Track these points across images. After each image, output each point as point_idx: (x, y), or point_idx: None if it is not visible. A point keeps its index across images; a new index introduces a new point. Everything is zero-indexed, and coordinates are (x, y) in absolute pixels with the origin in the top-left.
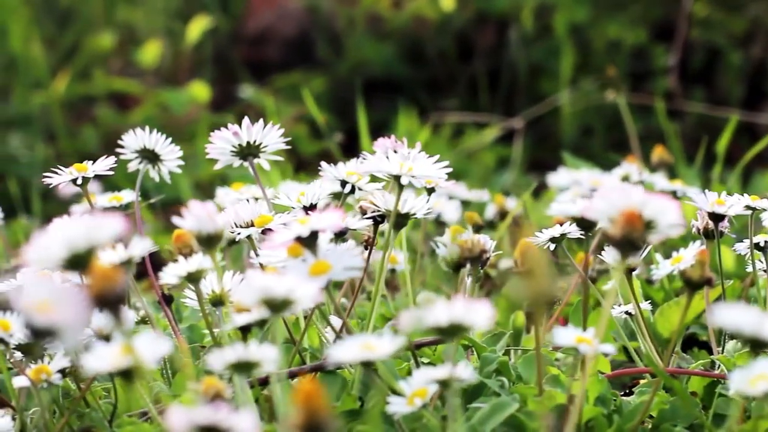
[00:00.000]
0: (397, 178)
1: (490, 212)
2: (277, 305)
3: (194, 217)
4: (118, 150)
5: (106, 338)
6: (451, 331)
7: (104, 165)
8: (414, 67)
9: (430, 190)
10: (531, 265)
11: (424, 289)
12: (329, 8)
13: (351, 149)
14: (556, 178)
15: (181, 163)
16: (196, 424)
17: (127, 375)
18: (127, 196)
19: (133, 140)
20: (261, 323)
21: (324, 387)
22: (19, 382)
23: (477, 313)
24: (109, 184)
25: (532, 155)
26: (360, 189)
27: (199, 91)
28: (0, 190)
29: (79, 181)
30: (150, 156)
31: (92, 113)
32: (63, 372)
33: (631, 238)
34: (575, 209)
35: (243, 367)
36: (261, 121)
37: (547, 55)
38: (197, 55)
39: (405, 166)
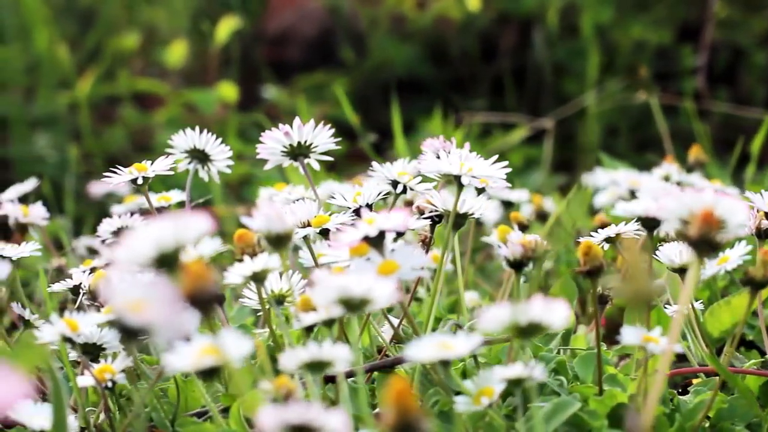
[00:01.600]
0: (457, 178)
1: (527, 212)
2: (355, 305)
3: (264, 217)
4: (168, 150)
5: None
6: (530, 331)
7: (164, 165)
8: (437, 67)
9: (481, 191)
10: (631, 265)
11: (468, 290)
12: (351, 8)
13: (377, 149)
14: (592, 178)
15: (231, 163)
16: (288, 423)
17: (210, 374)
18: (176, 196)
19: (183, 140)
20: (328, 323)
21: (380, 386)
22: (83, 381)
23: (554, 313)
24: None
25: (556, 155)
26: (411, 189)
27: (228, 91)
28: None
29: (140, 181)
30: (200, 156)
31: (115, 114)
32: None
33: (708, 237)
34: (640, 209)
35: (316, 367)
36: (312, 121)
37: (570, 55)
38: (219, 56)
39: (465, 166)
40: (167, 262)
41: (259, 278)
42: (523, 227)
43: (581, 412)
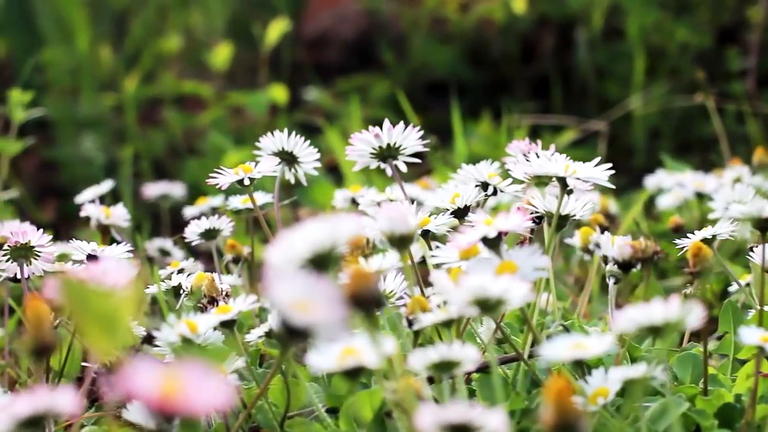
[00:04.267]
0: (561, 180)
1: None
2: (490, 305)
3: (387, 217)
4: (255, 151)
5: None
6: (665, 331)
7: (269, 166)
8: (477, 69)
9: (568, 192)
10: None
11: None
12: (390, 10)
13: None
14: (654, 180)
15: (318, 164)
16: (447, 423)
17: (353, 374)
18: (262, 198)
19: (272, 142)
20: (447, 323)
21: (484, 387)
22: None
23: (691, 314)
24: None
25: (593, 158)
26: (501, 191)
27: (278, 93)
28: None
29: (246, 182)
30: (288, 158)
31: (157, 116)
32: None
33: None
34: (756, 210)
35: (445, 367)
36: (402, 123)
37: (611, 57)
38: (258, 58)
39: (570, 168)
40: (322, 263)
41: None
42: (604, 228)
43: (690, 411)
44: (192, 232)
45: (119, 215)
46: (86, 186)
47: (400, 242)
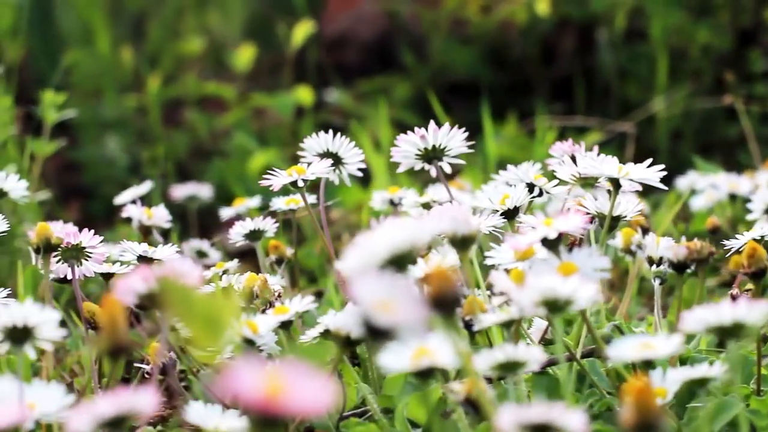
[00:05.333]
0: (614, 181)
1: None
2: (559, 306)
3: (451, 219)
4: (300, 153)
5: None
6: (733, 331)
7: (322, 167)
8: (497, 71)
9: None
10: None
11: None
12: (409, 12)
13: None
14: (686, 181)
15: (363, 165)
16: (528, 423)
17: (426, 375)
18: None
19: (316, 143)
20: (507, 324)
21: (538, 387)
22: None
23: (757, 313)
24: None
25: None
26: (547, 193)
27: (304, 94)
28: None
29: (300, 183)
30: (332, 159)
31: (178, 117)
32: None
33: None
34: None
35: (510, 367)
36: (447, 125)
37: (632, 59)
38: (277, 59)
39: (623, 169)
40: (400, 264)
41: None
42: (645, 230)
43: (744, 411)
44: (237, 233)
45: (161, 216)
46: (110, 187)
47: (462, 243)
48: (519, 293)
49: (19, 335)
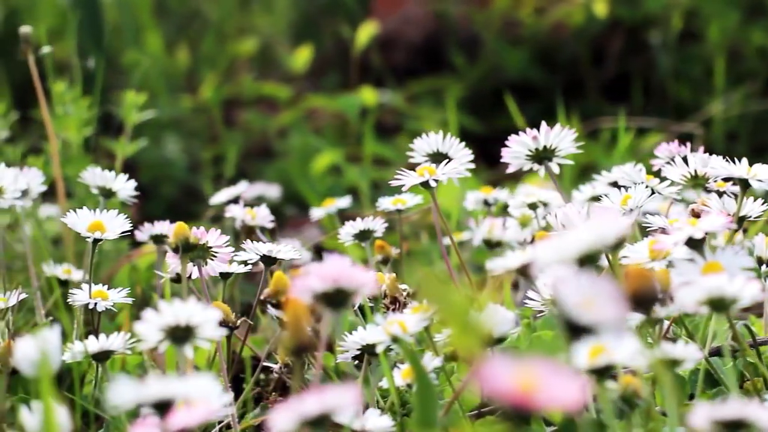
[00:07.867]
0: (743, 181)
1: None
2: (725, 304)
3: (601, 222)
4: (408, 153)
5: None
6: None
7: (455, 167)
8: (548, 71)
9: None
10: None
11: None
12: (460, 13)
13: (493, 155)
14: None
15: (472, 166)
16: (723, 420)
17: (602, 373)
18: (412, 200)
19: (425, 144)
20: (654, 322)
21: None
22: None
23: None
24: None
25: None
26: (659, 193)
27: (368, 95)
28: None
29: (432, 183)
30: (441, 159)
31: (232, 117)
32: None
33: None
34: None
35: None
36: (558, 125)
37: (684, 60)
38: (327, 60)
39: (752, 170)
40: (589, 261)
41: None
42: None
43: None
44: (346, 233)
45: (263, 216)
46: (168, 187)
47: (617, 244)
48: (681, 292)
49: (182, 334)
